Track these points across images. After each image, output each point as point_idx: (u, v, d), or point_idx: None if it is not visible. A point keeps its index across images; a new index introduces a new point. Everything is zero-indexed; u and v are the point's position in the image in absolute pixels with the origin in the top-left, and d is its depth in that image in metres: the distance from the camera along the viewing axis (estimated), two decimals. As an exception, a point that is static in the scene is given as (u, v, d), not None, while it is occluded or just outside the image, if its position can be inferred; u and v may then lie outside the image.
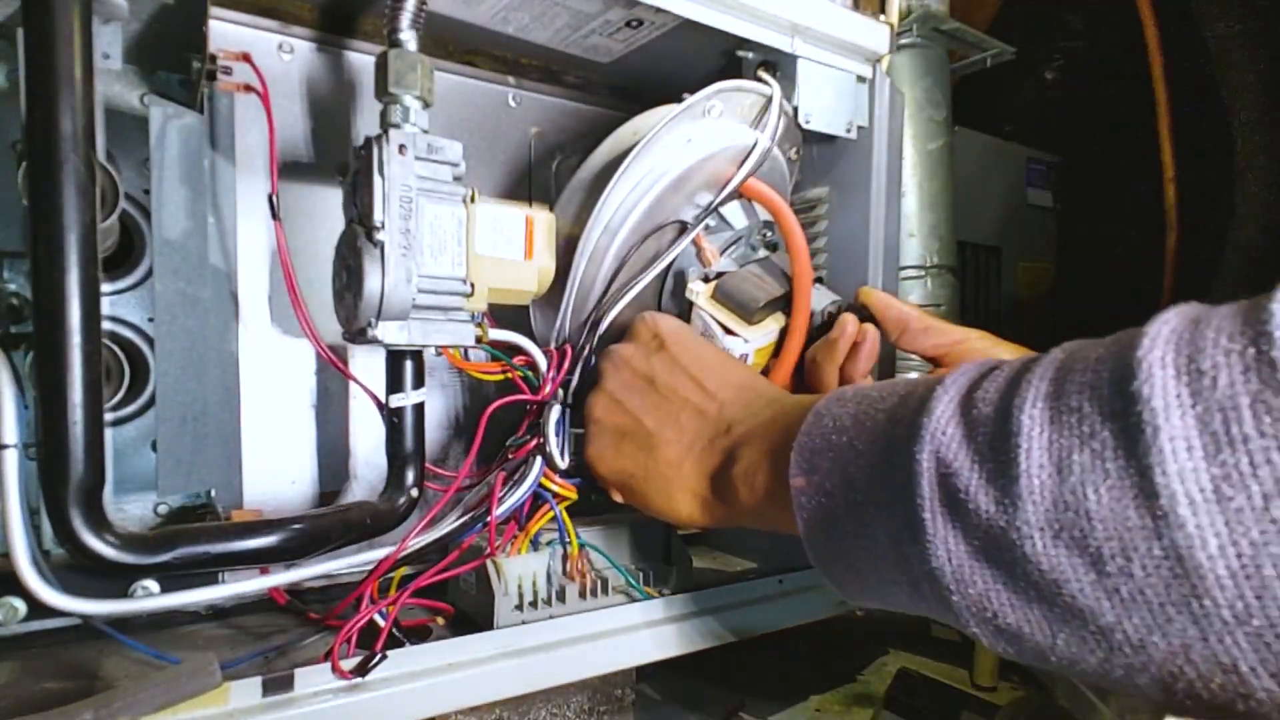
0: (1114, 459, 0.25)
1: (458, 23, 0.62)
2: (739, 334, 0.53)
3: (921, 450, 0.30)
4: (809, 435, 0.36)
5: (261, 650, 0.48)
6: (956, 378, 0.32)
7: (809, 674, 0.77)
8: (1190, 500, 0.23)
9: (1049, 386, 0.28)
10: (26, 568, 0.38)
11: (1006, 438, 0.28)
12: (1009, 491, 0.27)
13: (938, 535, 0.29)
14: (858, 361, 0.53)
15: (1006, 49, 0.90)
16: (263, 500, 0.59)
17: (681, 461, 0.46)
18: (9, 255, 0.48)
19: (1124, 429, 0.25)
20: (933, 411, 0.31)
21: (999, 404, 0.29)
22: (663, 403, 0.47)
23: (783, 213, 0.55)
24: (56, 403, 0.36)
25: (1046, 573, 0.26)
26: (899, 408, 0.33)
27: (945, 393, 0.31)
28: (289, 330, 0.59)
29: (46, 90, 0.35)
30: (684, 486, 0.46)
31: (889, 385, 0.36)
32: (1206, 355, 0.24)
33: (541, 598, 0.51)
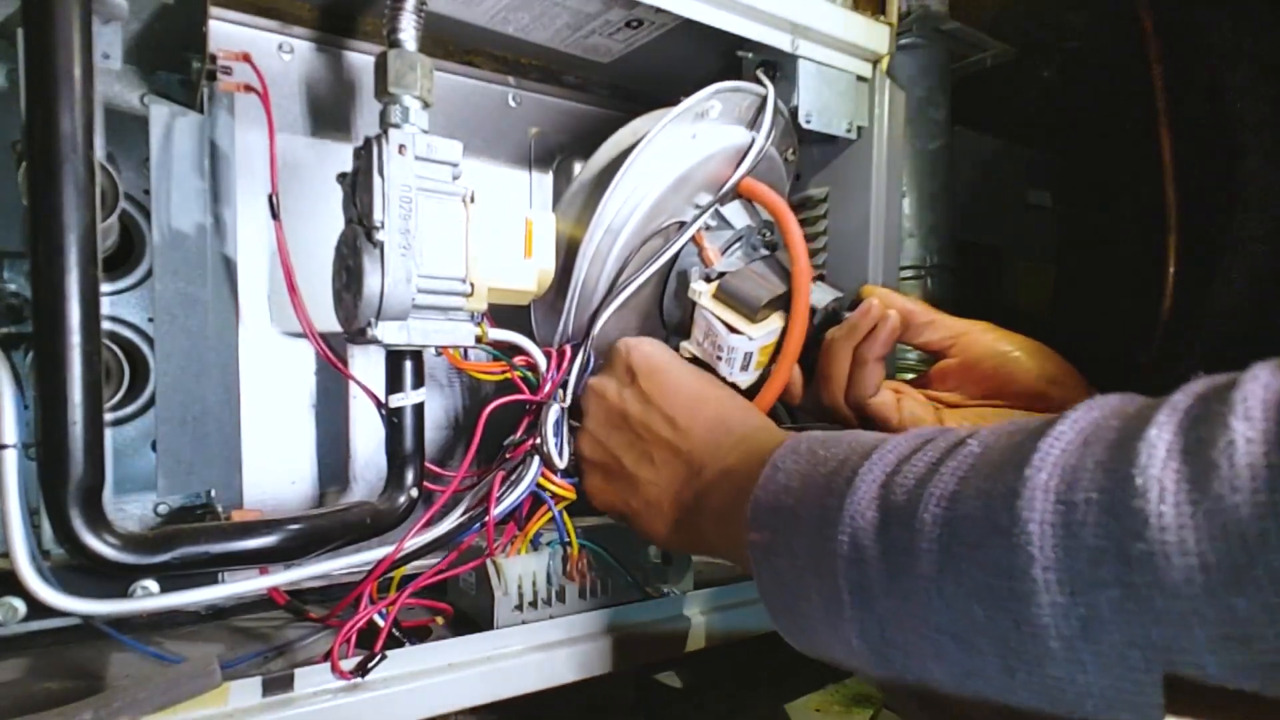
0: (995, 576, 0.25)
1: (458, 23, 0.62)
2: (743, 332, 0.53)
3: (842, 533, 0.31)
4: (764, 490, 0.37)
5: (261, 650, 0.48)
6: (884, 453, 0.32)
7: (809, 674, 0.77)
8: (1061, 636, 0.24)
9: (954, 484, 0.28)
10: (26, 568, 0.38)
11: (911, 534, 0.28)
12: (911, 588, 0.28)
13: (854, 618, 0.31)
14: (874, 344, 0.52)
15: (1006, 49, 0.90)
16: (263, 500, 0.59)
17: (660, 502, 0.47)
18: (9, 255, 0.48)
19: (1008, 549, 0.25)
20: (855, 491, 0.31)
21: (913, 492, 0.29)
22: (638, 441, 0.48)
23: (782, 212, 0.55)
24: (56, 403, 0.36)
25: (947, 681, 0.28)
26: (836, 474, 0.34)
27: (870, 470, 0.32)
28: (289, 330, 0.59)
29: (46, 90, 0.35)
30: (667, 525, 0.47)
31: (836, 443, 0.36)
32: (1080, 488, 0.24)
33: (541, 598, 0.51)
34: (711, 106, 0.55)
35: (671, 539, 0.47)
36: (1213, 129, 0.75)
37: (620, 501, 0.50)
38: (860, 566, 0.30)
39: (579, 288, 0.54)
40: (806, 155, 0.70)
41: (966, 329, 0.53)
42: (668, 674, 0.73)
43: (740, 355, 0.53)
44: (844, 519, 0.31)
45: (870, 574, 0.30)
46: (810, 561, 0.33)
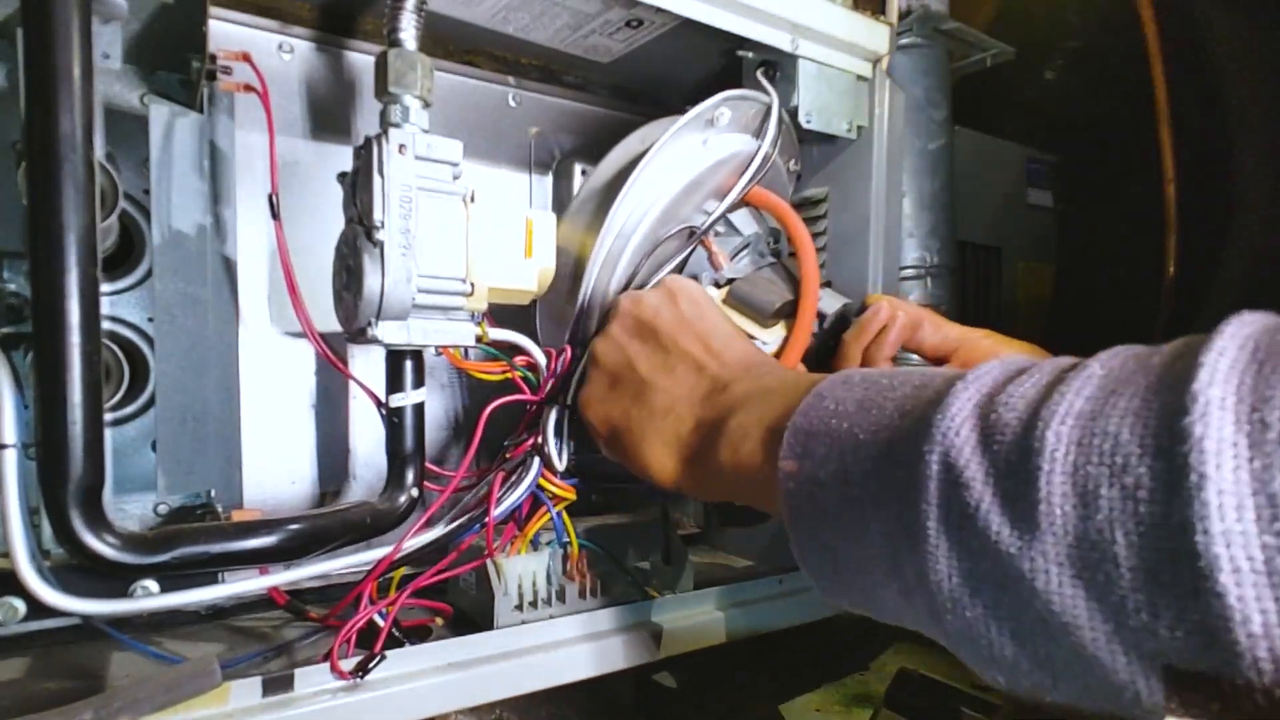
0: (1149, 502, 0.22)
1: (458, 23, 0.62)
2: (756, 336, 0.53)
3: (931, 450, 0.27)
4: (806, 416, 0.33)
5: (261, 650, 0.48)
6: (979, 374, 0.29)
7: (809, 674, 0.77)
8: (1235, 569, 0.20)
9: (1084, 404, 0.25)
10: (26, 568, 0.38)
11: (1027, 454, 0.25)
12: (1025, 517, 0.24)
13: (939, 548, 0.27)
14: (882, 345, 0.52)
15: (1006, 49, 0.90)
16: (263, 500, 0.59)
17: (669, 411, 0.43)
18: (9, 255, 0.48)
19: (1166, 470, 0.22)
20: (948, 408, 0.28)
21: (1024, 412, 0.26)
22: (660, 351, 0.45)
23: (790, 219, 0.56)
24: (56, 403, 0.36)
25: (1058, 613, 0.24)
26: (911, 399, 0.30)
27: (965, 389, 0.28)
28: (289, 330, 0.59)
29: (46, 90, 0.35)
30: (666, 438, 0.43)
31: (903, 373, 0.33)
32: (1274, 405, 0.21)
33: (541, 598, 0.51)
34: (721, 114, 0.55)
35: (665, 458, 0.43)
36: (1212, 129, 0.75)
37: (618, 410, 0.46)
38: (955, 489, 0.26)
39: (589, 292, 0.54)
40: (806, 155, 0.69)
41: (966, 335, 0.53)
42: (664, 674, 0.73)
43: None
44: (933, 436, 0.27)
45: (971, 496, 0.25)
46: (873, 487, 0.29)
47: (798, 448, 0.33)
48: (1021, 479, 0.25)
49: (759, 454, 0.36)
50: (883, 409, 0.31)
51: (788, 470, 0.33)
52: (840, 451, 0.31)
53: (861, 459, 0.30)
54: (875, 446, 0.30)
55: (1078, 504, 0.23)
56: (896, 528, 0.28)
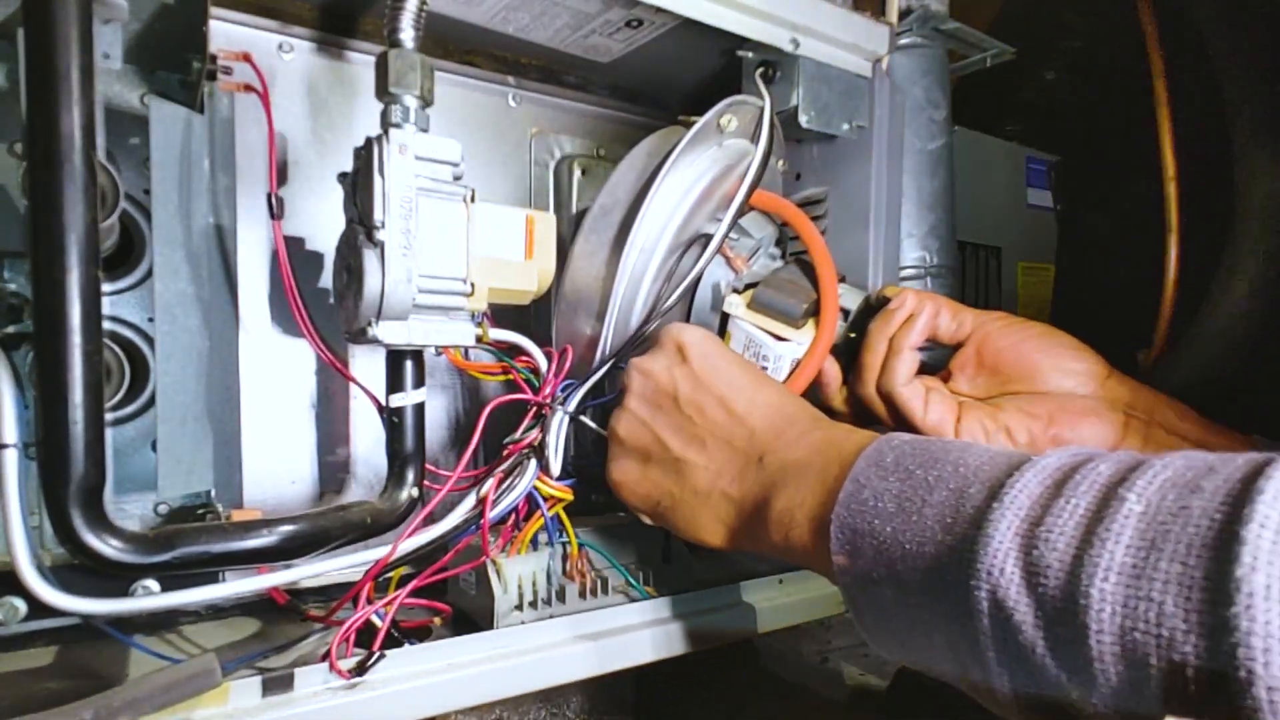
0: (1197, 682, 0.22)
1: (458, 23, 0.62)
2: (789, 339, 0.54)
3: (979, 585, 0.27)
4: (848, 509, 0.34)
5: (261, 650, 0.48)
6: (1015, 495, 0.28)
7: (809, 674, 0.77)
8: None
9: (1126, 556, 0.24)
10: (27, 567, 0.38)
11: (1073, 607, 0.25)
12: (1081, 669, 0.25)
13: (1003, 675, 0.27)
14: (909, 333, 0.52)
15: (1006, 49, 0.90)
16: (263, 500, 0.59)
17: (710, 491, 0.43)
18: (9, 255, 0.48)
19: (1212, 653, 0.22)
20: (989, 541, 0.28)
21: (1065, 554, 0.26)
22: (688, 424, 0.44)
23: (799, 218, 0.57)
24: (57, 402, 0.36)
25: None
26: (949, 510, 0.30)
27: (1003, 517, 0.28)
28: (289, 331, 0.59)
29: (47, 90, 0.35)
30: (713, 517, 0.43)
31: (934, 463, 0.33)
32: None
33: (541, 598, 0.51)
34: (729, 120, 0.55)
35: (719, 534, 0.43)
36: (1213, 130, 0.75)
37: (659, 490, 0.45)
38: (1008, 627, 0.27)
39: (616, 310, 0.54)
40: (807, 155, 0.70)
41: (983, 320, 0.53)
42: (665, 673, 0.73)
43: (788, 362, 0.54)
44: (979, 572, 0.27)
45: (1024, 639, 0.26)
46: (930, 601, 0.30)
47: (846, 544, 0.33)
48: (1071, 630, 0.25)
49: (808, 541, 0.37)
50: (923, 516, 0.31)
51: (841, 564, 0.33)
52: (890, 559, 0.31)
53: (912, 569, 0.31)
54: (922, 560, 0.30)
55: (1129, 668, 0.24)
56: (958, 639, 0.29)
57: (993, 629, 0.27)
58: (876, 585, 0.32)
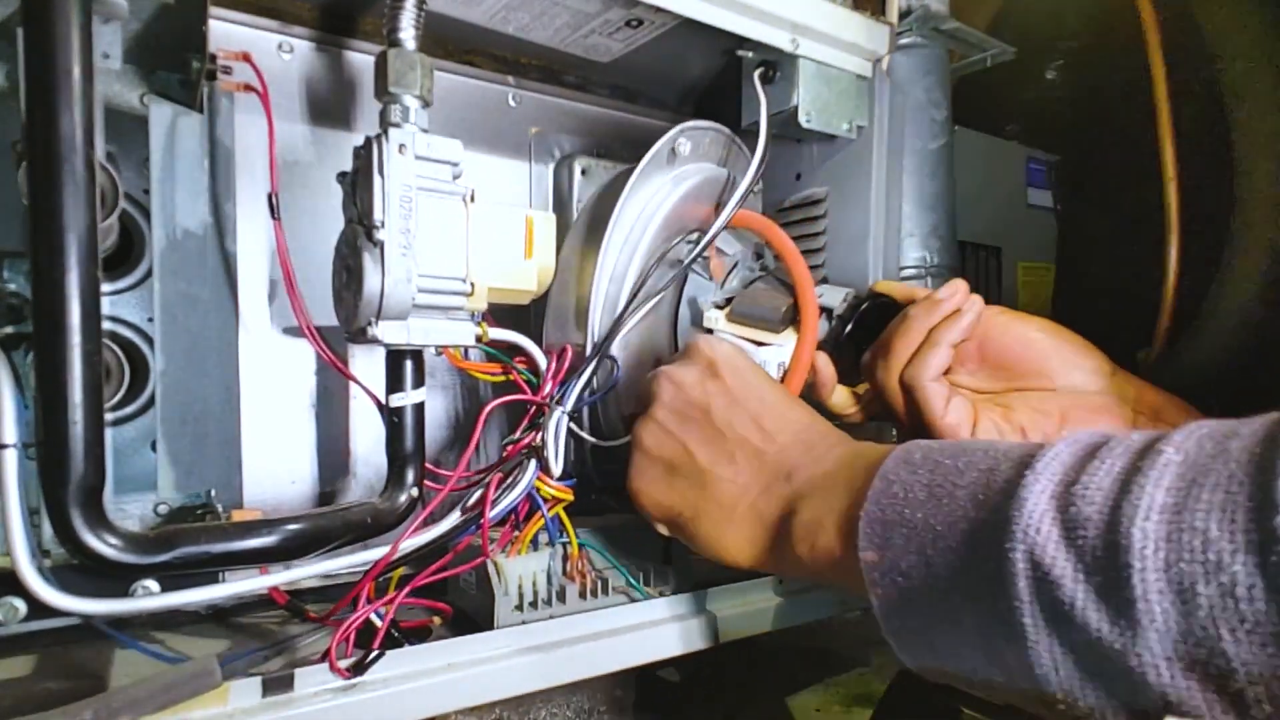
0: (1249, 600, 0.22)
1: (458, 22, 0.62)
2: (771, 343, 0.54)
3: (1013, 547, 0.27)
4: (878, 505, 0.33)
5: (261, 650, 0.48)
6: (1048, 461, 0.28)
7: (809, 674, 0.77)
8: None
9: (1166, 496, 0.24)
10: (27, 567, 0.38)
11: (1114, 550, 0.25)
12: (1125, 613, 0.24)
13: (1040, 644, 0.27)
14: (953, 328, 0.50)
15: (1006, 49, 0.90)
16: (263, 500, 0.59)
17: (735, 505, 0.42)
18: (9, 255, 0.48)
19: (1262, 568, 0.22)
20: (1023, 503, 0.27)
21: (1103, 506, 0.26)
22: (717, 437, 0.44)
23: (770, 230, 0.58)
24: (57, 403, 0.36)
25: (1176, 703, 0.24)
26: (981, 486, 0.30)
27: (1036, 480, 0.28)
28: (289, 330, 0.59)
29: (46, 90, 0.35)
30: (738, 532, 0.42)
31: (963, 452, 0.32)
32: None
33: (541, 598, 0.51)
34: (681, 144, 0.57)
35: (744, 550, 0.43)
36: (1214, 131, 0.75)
37: (682, 502, 0.45)
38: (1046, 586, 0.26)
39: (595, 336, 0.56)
40: (806, 155, 0.70)
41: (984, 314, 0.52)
42: (668, 671, 0.73)
43: (774, 366, 0.54)
44: (1014, 534, 0.27)
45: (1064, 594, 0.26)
46: (962, 580, 0.29)
47: (876, 538, 0.33)
48: (1113, 575, 0.25)
49: (836, 545, 0.36)
50: (954, 498, 0.31)
51: (869, 560, 0.33)
52: (920, 544, 0.31)
53: (943, 550, 0.30)
54: (954, 538, 0.30)
55: (1176, 601, 0.23)
56: (990, 620, 0.28)
57: (1030, 591, 0.26)
58: (906, 576, 0.32)
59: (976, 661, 0.30)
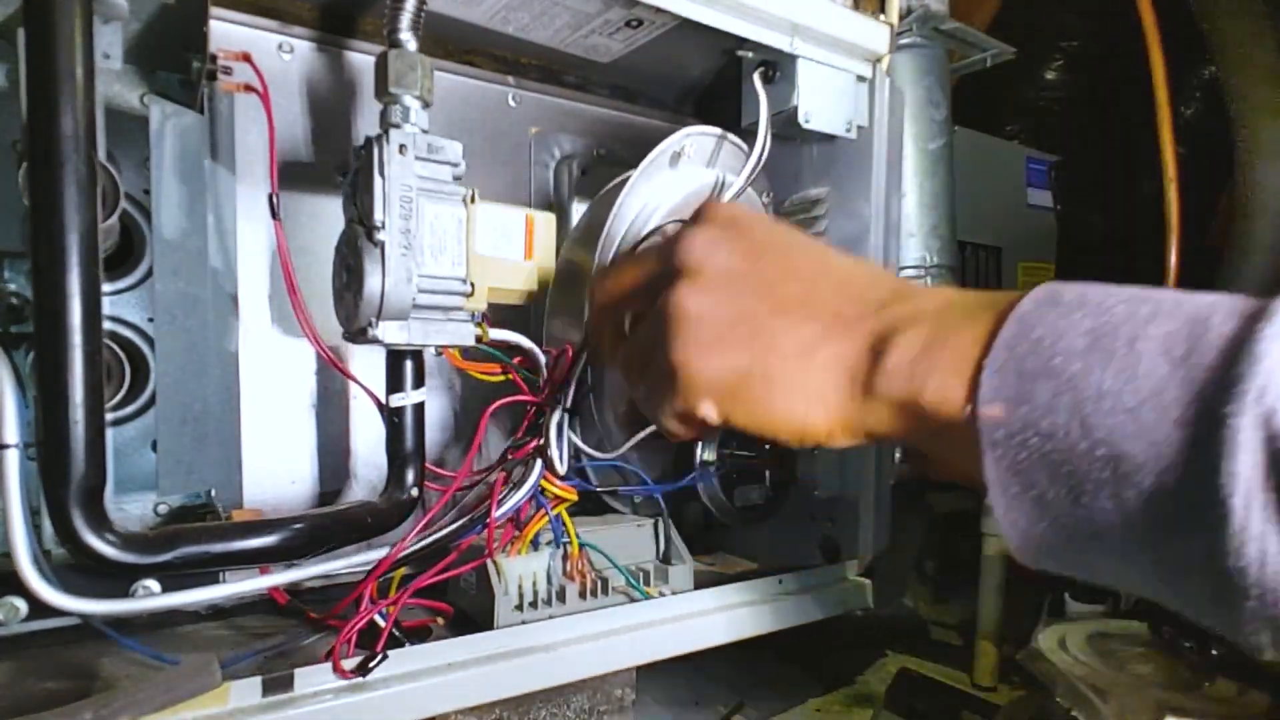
0: None
1: (458, 23, 0.62)
2: None
3: (1240, 413, 0.22)
4: (1010, 350, 0.27)
5: (261, 650, 0.48)
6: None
7: (808, 674, 0.77)
8: None
9: None
10: (27, 567, 0.38)
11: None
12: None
13: (1249, 529, 0.22)
14: None
15: (1006, 49, 0.90)
16: (263, 500, 0.59)
17: (814, 350, 0.34)
18: (9, 255, 0.48)
19: None
20: (1258, 359, 0.22)
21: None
22: (780, 285, 0.36)
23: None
24: (57, 403, 0.36)
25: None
26: (1181, 340, 0.25)
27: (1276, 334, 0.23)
28: (289, 330, 0.59)
29: (47, 90, 0.35)
30: (816, 382, 0.34)
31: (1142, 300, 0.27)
32: None
33: (541, 598, 0.51)
34: (684, 148, 0.57)
35: (821, 407, 0.34)
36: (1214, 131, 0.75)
37: (745, 355, 0.35)
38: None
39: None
40: (806, 155, 0.70)
41: None
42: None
43: None
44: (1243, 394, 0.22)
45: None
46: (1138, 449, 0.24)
47: (1009, 389, 0.27)
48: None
49: (942, 393, 0.30)
50: (1135, 351, 0.25)
51: (993, 417, 0.27)
52: (1075, 402, 0.26)
53: (1114, 410, 0.25)
54: (1136, 397, 0.25)
55: None
56: (1175, 501, 0.24)
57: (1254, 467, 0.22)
58: (1047, 439, 0.26)
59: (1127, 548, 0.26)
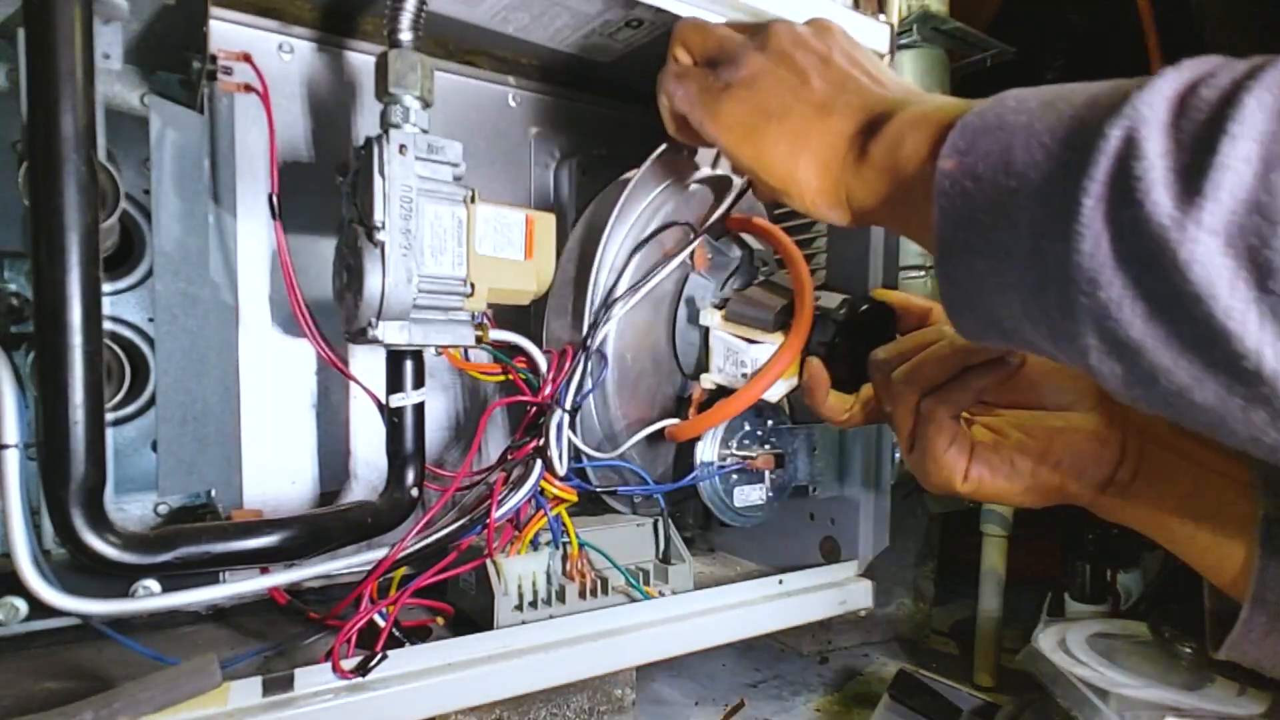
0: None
1: (458, 23, 0.62)
2: (763, 341, 0.54)
3: (1114, 126, 0.26)
4: (981, 115, 0.32)
5: (261, 650, 0.48)
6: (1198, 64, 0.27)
7: (809, 674, 0.77)
8: None
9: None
10: (27, 567, 0.38)
11: (1219, 122, 0.24)
12: (1194, 185, 0.24)
13: (1090, 227, 0.26)
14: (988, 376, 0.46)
15: (1006, 49, 0.90)
16: (263, 500, 0.59)
17: (832, 104, 0.40)
18: (9, 255, 0.48)
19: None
20: (1149, 87, 0.26)
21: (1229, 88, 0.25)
22: (834, 67, 0.42)
23: (774, 233, 0.58)
24: (58, 403, 0.36)
25: (1194, 284, 0.24)
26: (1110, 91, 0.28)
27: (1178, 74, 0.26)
28: (289, 330, 0.59)
29: (47, 90, 0.35)
30: (819, 141, 0.40)
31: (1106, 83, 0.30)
32: None
33: (541, 598, 0.51)
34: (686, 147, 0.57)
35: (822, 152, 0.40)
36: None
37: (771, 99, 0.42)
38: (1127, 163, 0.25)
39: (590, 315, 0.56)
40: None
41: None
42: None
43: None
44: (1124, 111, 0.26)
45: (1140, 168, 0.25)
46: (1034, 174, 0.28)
47: (963, 143, 0.32)
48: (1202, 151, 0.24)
49: (917, 155, 0.35)
50: (1072, 103, 0.29)
51: (945, 168, 0.32)
52: (1008, 144, 0.30)
53: (1030, 148, 0.29)
54: (1049, 135, 0.29)
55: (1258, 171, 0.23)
56: (1047, 213, 0.28)
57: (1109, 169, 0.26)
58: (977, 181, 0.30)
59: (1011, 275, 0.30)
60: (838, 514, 0.66)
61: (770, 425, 0.61)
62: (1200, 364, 0.25)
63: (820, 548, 0.67)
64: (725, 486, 0.59)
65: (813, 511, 0.68)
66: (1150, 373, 0.26)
